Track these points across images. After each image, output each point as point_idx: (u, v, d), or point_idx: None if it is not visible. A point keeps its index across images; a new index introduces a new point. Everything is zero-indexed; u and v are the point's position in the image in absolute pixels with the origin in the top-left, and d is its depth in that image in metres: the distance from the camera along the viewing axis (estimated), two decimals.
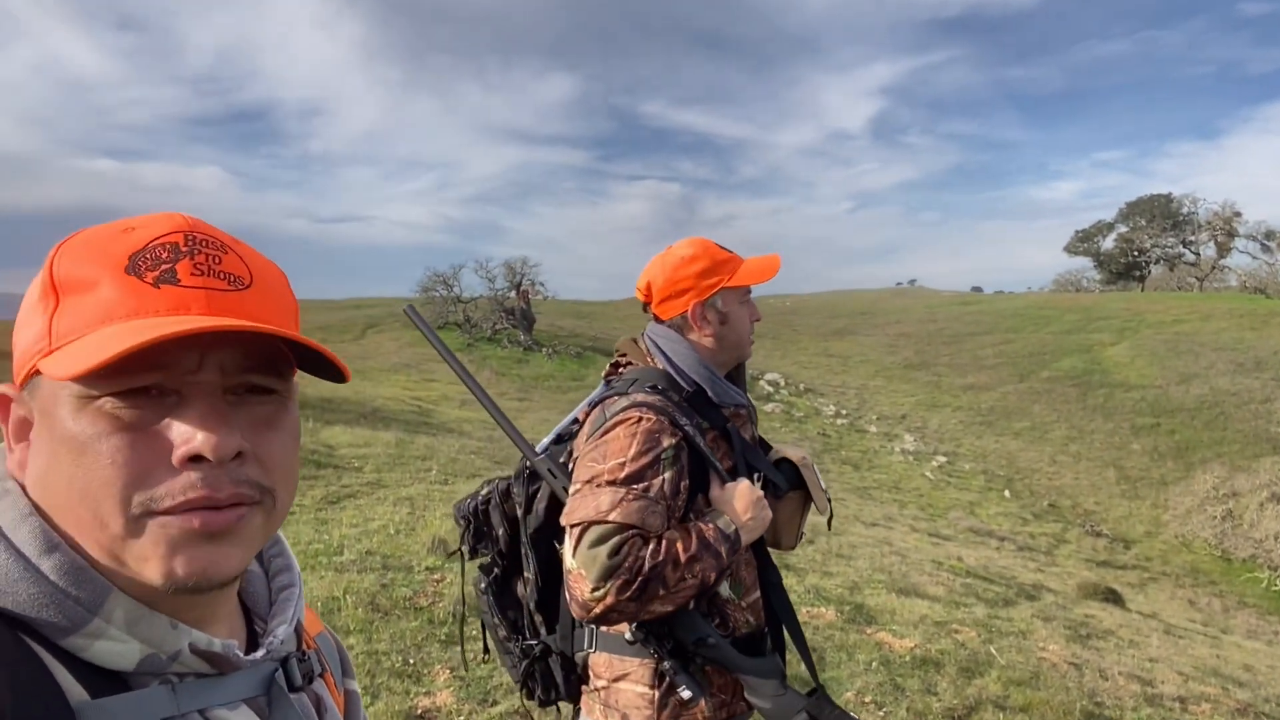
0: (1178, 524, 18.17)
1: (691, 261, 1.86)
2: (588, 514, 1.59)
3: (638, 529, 1.59)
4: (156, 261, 0.64)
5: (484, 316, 28.13)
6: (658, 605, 1.59)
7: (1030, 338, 33.77)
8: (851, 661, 4.81)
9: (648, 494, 1.62)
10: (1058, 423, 25.06)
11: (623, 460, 1.63)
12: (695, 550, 1.61)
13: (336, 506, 6.68)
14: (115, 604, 0.62)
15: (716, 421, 1.82)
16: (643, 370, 1.84)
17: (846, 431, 22.95)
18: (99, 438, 0.60)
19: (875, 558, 8.04)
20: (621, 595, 1.55)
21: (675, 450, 1.67)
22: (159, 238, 0.65)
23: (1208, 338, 30.51)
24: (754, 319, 1.91)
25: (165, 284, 0.63)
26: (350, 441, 9.19)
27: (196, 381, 0.63)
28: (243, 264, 0.68)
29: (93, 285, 0.63)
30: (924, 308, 43.58)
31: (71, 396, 0.61)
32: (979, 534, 14.68)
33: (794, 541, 1.93)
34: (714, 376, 1.83)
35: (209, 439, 0.61)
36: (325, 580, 4.84)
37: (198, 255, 0.65)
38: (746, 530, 1.70)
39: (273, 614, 0.76)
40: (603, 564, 1.55)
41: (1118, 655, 6.09)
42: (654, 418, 1.68)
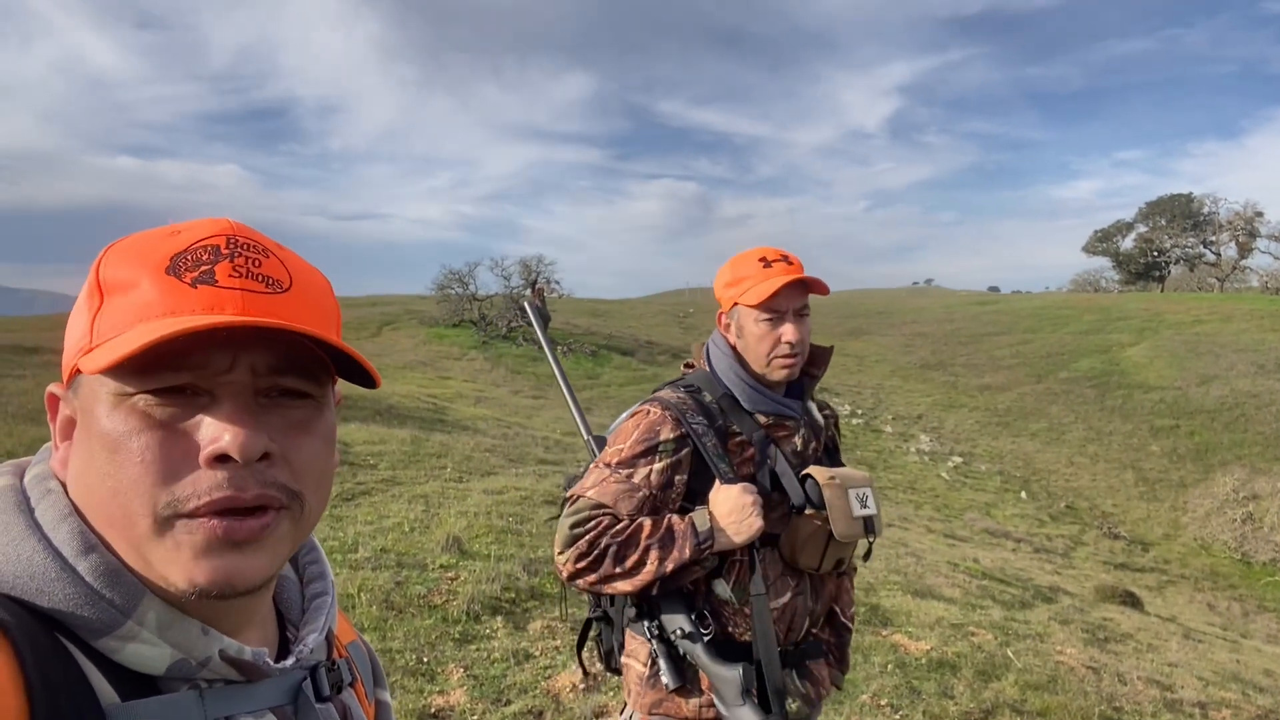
0: (1197, 526, 18.01)
1: (722, 274, 1.94)
2: (578, 488, 1.77)
3: (608, 508, 1.71)
4: (196, 263, 0.65)
5: (499, 314, 28.17)
6: (617, 581, 1.70)
7: (1048, 338, 33.53)
8: (867, 664, 4.78)
9: (630, 479, 1.73)
10: (1075, 424, 24.88)
11: (622, 447, 1.76)
12: (658, 538, 1.69)
13: (351, 503, 6.70)
14: (148, 607, 0.62)
15: (746, 428, 1.83)
16: (697, 372, 1.94)
17: (862, 431, 22.86)
18: (130, 435, 0.61)
19: (891, 559, 8.00)
20: (577, 564, 1.69)
21: (675, 444, 1.75)
22: (201, 240, 0.66)
23: (1228, 339, 30.20)
24: (783, 339, 1.84)
25: (203, 284, 0.64)
26: (365, 439, 9.21)
27: (228, 381, 0.64)
28: (283, 268, 0.69)
29: (133, 285, 0.64)
30: (941, 307, 43.37)
31: (109, 394, 0.62)
32: (995, 535, 14.58)
33: (817, 563, 1.85)
34: (748, 383, 1.86)
35: (235, 438, 0.61)
36: (340, 578, 4.84)
37: (238, 258, 0.66)
38: (723, 533, 1.71)
39: (304, 622, 0.76)
40: (565, 533, 1.71)
41: (1136, 659, 6.03)
42: (659, 411, 1.78)
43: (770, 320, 1.84)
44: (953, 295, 53.07)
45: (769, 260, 1.86)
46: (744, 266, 1.88)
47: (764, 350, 1.85)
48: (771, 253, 1.88)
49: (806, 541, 1.82)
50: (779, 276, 1.83)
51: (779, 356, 1.85)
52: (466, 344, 26.35)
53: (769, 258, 1.87)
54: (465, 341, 26.61)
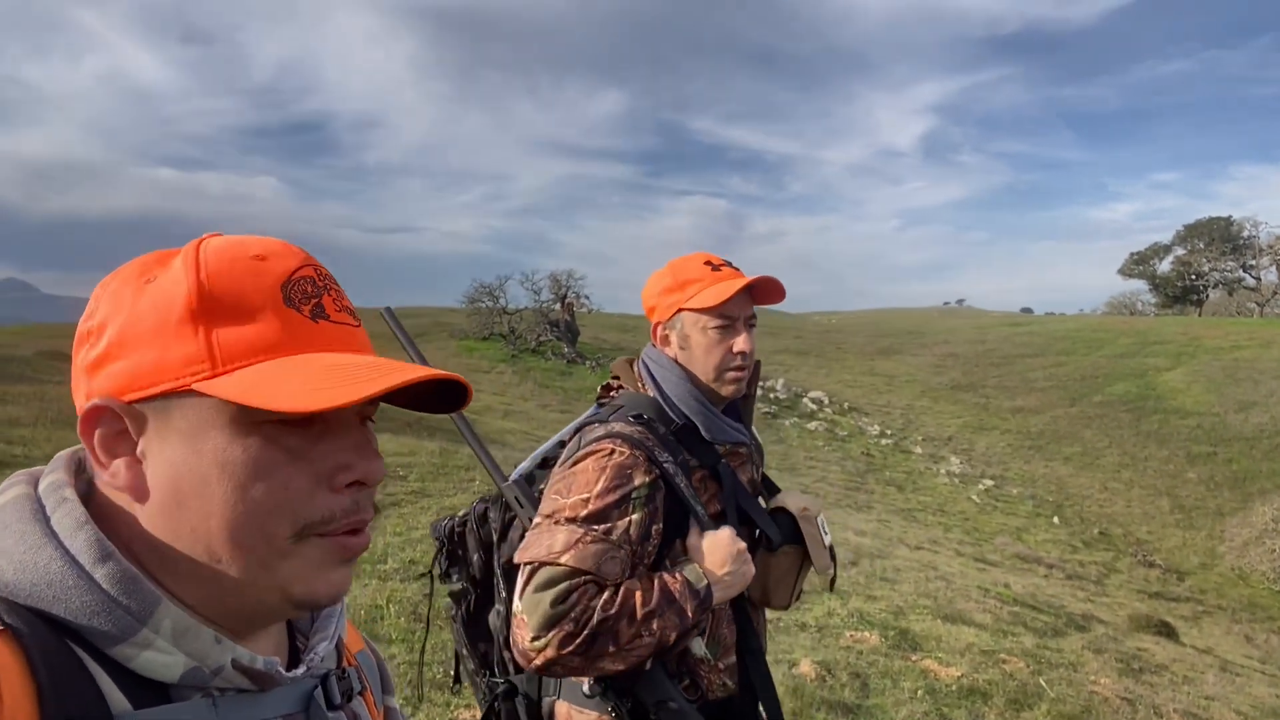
0: (1234, 556, 17.63)
1: (659, 278, 1.73)
2: (539, 553, 1.45)
3: (591, 575, 1.43)
4: (306, 296, 0.67)
5: (528, 328, 28.31)
6: (608, 663, 1.44)
7: (1082, 361, 33.08)
8: (896, 689, 4.72)
9: (609, 536, 1.46)
10: (1110, 448, 24.48)
11: (587, 496, 1.48)
12: (655, 605, 1.45)
13: (381, 515, 6.74)
14: (164, 615, 0.62)
15: (708, 459, 1.64)
16: (632, 397, 1.69)
17: (891, 452, 22.65)
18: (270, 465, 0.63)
19: (920, 582, 7.90)
20: (564, 649, 1.40)
21: (649, 490, 1.51)
22: (298, 270, 0.68)
23: (1268, 365, 29.60)
24: (733, 349, 1.66)
25: (320, 319, 0.67)
26: (395, 450, 9.28)
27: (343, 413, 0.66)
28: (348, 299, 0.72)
29: (253, 313, 0.65)
30: (972, 328, 42.97)
31: (232, 421, 0.63)
32: (1027, 560, 14.36)
33: (788, 601, 1.72)
34: (707, 409, 1.66)
35: (370, 467, 0.66)
36: (369, 588, 4.88)
37: (330, 290, 0.69)
38: (721, 586, 1.52)
39: (315, 630, 0.77)
40: (545, 611, 1.40)
41: (1172, 691, 5.90)
42: (628, 452, 1.52)
43: (721, 328, 1.65)
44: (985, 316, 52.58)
45: (715, 264, 1.69)
46: (689, 269, 1.69)
47: (713, 362, 1.66)
48: (715, 258, 1.71)
49: (781, 579, 1.69)
50: (737, 279, 1.66)
51: (731, 369, 1.66)
52: (496, 357, 26.49)
53: (714, 262, 1.70)
54: (494, 355, 26.76)
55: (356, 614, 4.50)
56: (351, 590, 4.32)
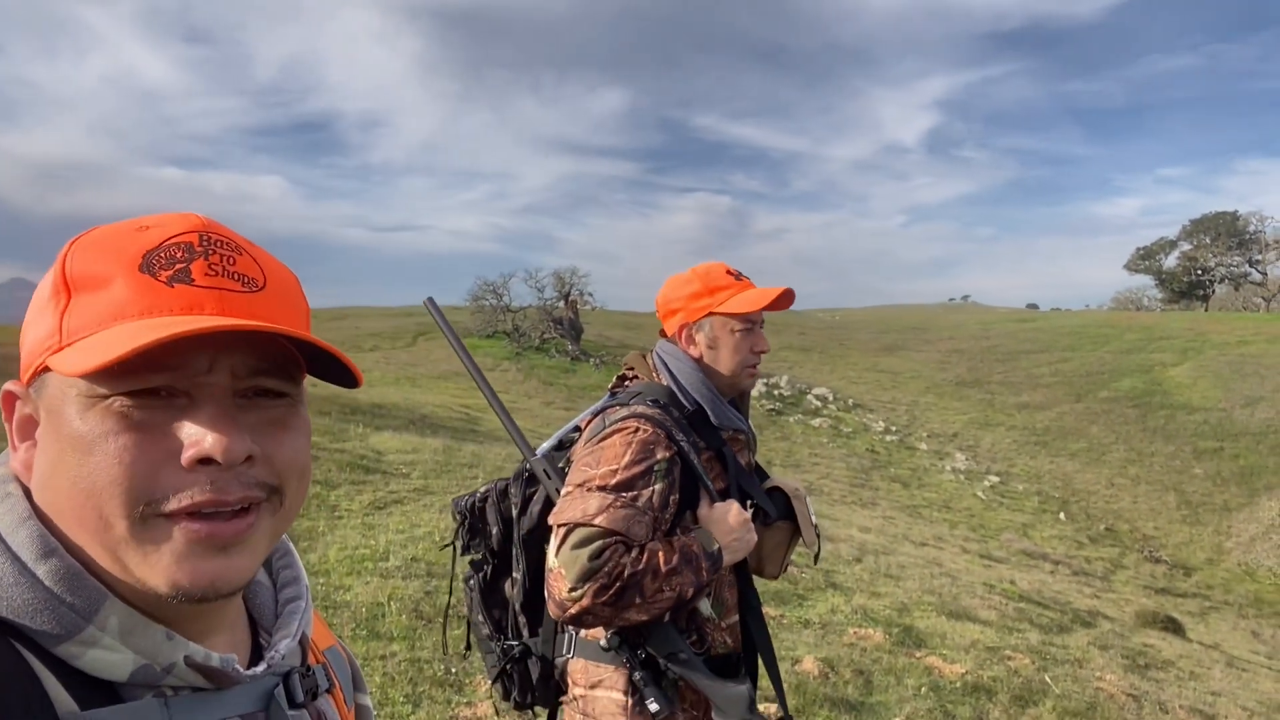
0: (1241, 552, 17.58)
1: (686, 283, 1.90)
2: (574, 515, 1.61)
3: (621, 536, 1.60)
4: (171, 260, 0.63)
5: (532, 326, 28.32)
6: (633, 614, 1.61)
7: (1088, 356, 33.00)
8: (900, 686, 4.70)
9: (636, 503, 1.63)
10: (1116, 444, 24.42)
11: (615, 468, 1.66)
12: (676, 563, 1.62)
13: (383, 512, 6.74)
14: (110, 612, 0.60)
15: (714, 442, 1.84)
16: (648, 385, 1.88)
17: (896, 448, 22.62)
18: (107, 436, 0.59)
19: (925, 579, 7.88)
20: (598, 599, 1.56)
21: (668, 464, 1.69)
22: (173, 237, 0.65)
23: (1274, 360, 29.49)
24: (755, 350, 1.89)
25: (179, 283, 0.62)
26: (398, 448, 9.28)
27: (207, 384, 0.62)
28: (256, 266, 0.67)
29: (105, 283, 0.62)
30: (977, 324, 42.89)
31: (80, 395, 0.60)
32: (1032, 556, 14.33)
33: (778, 570, 1.94)
34: (715, 398, 1.85)
35: (219, 442, 0.60)
36: (370, 586, 4.86)
37: (212, 255, 0.65)
38: (729, 550, 1.70)
39: (277, 627, 0.74)
40: (583, 565, 1.56)
41: (1178, 688, 5.87)
42: (651, 429, 1.71)
43: (746, 330, 1.86)
44: (990, 312, 52.47)
45: (735, 274, 1.90)
46: (716, 278, 1.89)
47: (739, 359, 1.86)
48: (731, 268, 1.92)
49: (773, 551, 1.91)
50: (760, 288, 1.89)
51: (750, 365, 1.88)
52: (500, 355, 26.50)
53: (732, 271, 1.91)
54: (499, 353, 26.77)
55: (358, 612, 4.49)
56: (352, 587, 4.28)
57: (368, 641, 4.19)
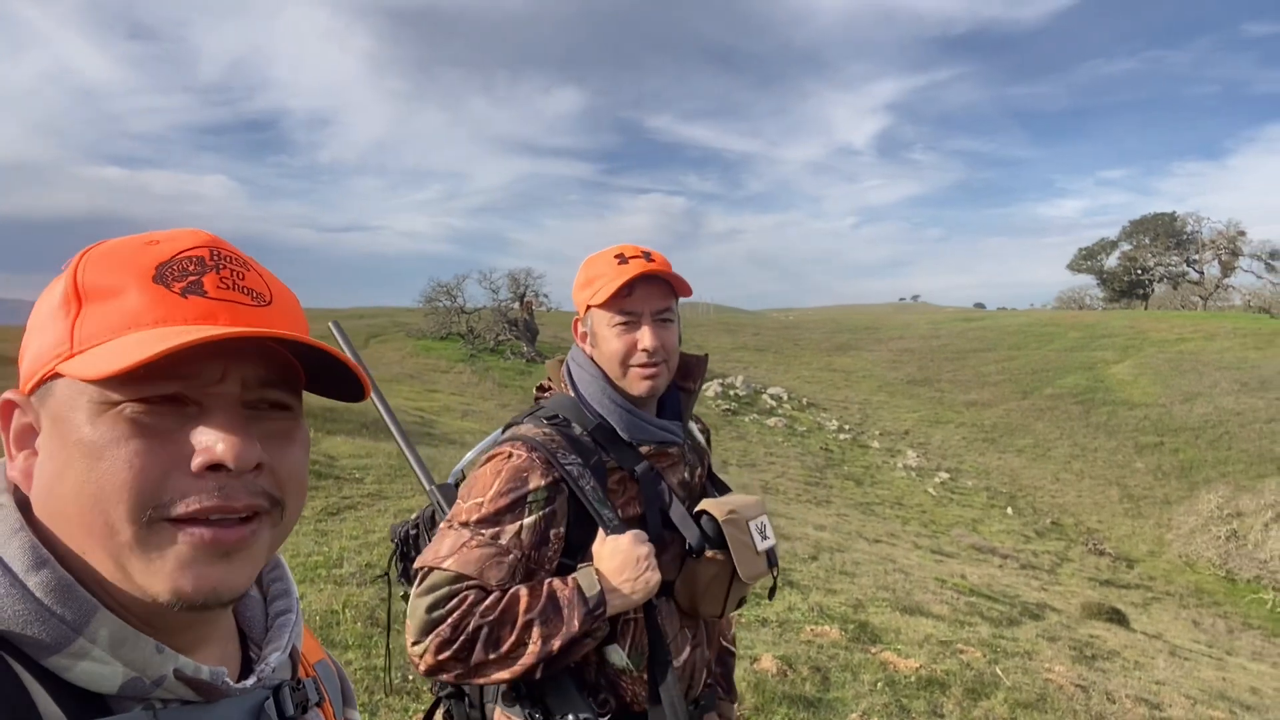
0: (1181, 544, 18.10)
1: (578, 275, 1.67)
2: (427, 557, 1.43)
3: (474, 580, 1.40)
4: (184, 273, 0.65)
5: (487, 327, 28.13)
6: (491, 670, 1.39)
7: (1033, 355, 33.73)
8: (856, 682, 4.76)
9: (497, 540, 1.42)
10: (1060, 440, 25.00)
11: (481, 500, 1.45)
12: (539, 611, 1.39)
13: (337, 518, 6.64)
14: (101, 624, 0.60)
15: (627, 461, 1.58)
16: (557, 398, 1.65)
17: (849, 447, 22.89)
18: (117, 442, 0.60)
19: (879, 575, 7.98)
20: (440, 654, 1.37)
21: (547, 492, 1.46)
22: (185, 250, 0.66)
23: (1212, 357, 30.46)
24: (639, 345, 1.58)
25: (192, 295, 0.64)
26: (351, 452, 9.15)
27: (219, 392, 0.63)
28: (263, 281, 0.69)
29: (118, 292, 0.63)
30: (927, 323, 43.59)
31: (90, 402, 0.61)
32: (982, 551, 14.60)
33: (719, 610, 1.63)
34: (624, 409, 1.59)
35: (231, 448, 0.61)
36: (324, 594, 4.79)
37: (223, 269, 0.67)
38: (617, 594, 1.44)
39: (267, 640, 0.75)
40: (421, 617, 1.38)
41: (1124, 677, 6.03)
42: (525, 454, 1.48)
43: (624, 324, 1.59)
44: (939, 311, 53.39)
45: (625, 257, 1.61)
46: (598, 265, 1.63)
47: (617, 359, 1.59)
48: (630, 249, 1.63)
49: (708, 587, 1.60)
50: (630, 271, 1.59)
51: (636, 365, 1.59)
52: (454, 357, 26.28)
53: (626, 254, 1.62)
54: (452, 354, 26.55)
55: (311, 620, 4.41)
56: (305, 596, 4.22)
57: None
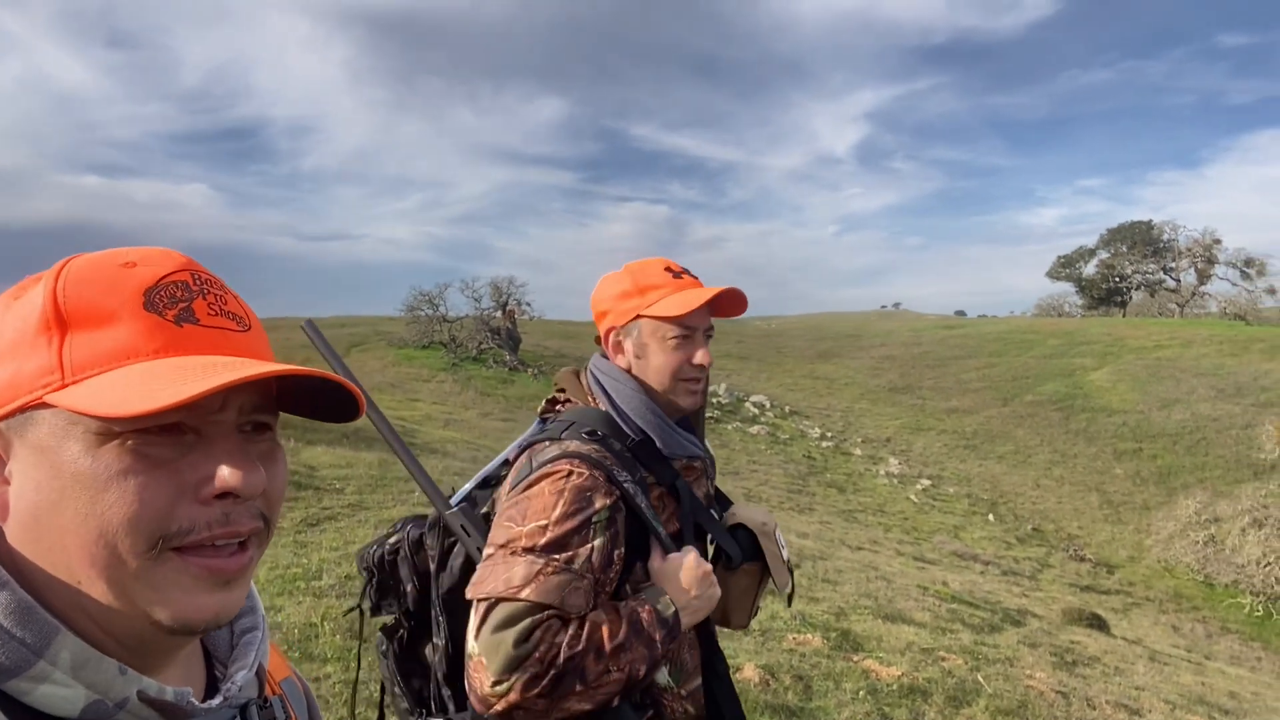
0: (1160, 549, 18.24)
1: (617, 281, 1.63)
2: (496, 588, 1.32)
3: (555, 610, 1.32)
4: (173, 299, 0.64)
5: (469, 336, 28.03)
6: (574, 703, 1.32)
7: (1013, 362, 33.97)
8: (838, 690, 4.76)
9: (571, 566, 1.35)
10: (1041, 447, 25.17)
11: (545, 523, 1.36)
12: (624, 638, 1.35)
13: (316, 529, 6.58)
14: (62, 646, 0.59)
15: (665, 477, 1.55)
16: (582, 411, 1.58)
17: (832, 454, 22.96)
18: (123, 475, 0.59)
19: (861, 582, 8.00)
20: (528, 691, 1.28)
21: (610, 513, 1.41)
22: (169, 275, 0.66)
23: (1189, 363, 30.78)
24: (694, 361, 1.58)
25: (186, 323, 0.64)
26: (332, 462, 9.08)
27: (218, 420, 0.63)
28: (239, 304, 0.69)
29: (109, 319, 0.62)
30: (908, 331, 43.83)
31: (88, 433, 0.60)
32: (964, 558, 14.66)
33: (746, 620, 1.66)
34: (664, 423, 1.57)
35: (239, 476, 0.62)
36: (303, 606, 4.74)
37: (208, 295, 0.67)
38: (689, 612, 1.43)
39: (233, 659, 0.74)
40: (507, 653, 1.28)
41: (1104, 683, 6.06)
42: (586, 472, 1.41)
43: (682, 338, 1.57)
44: (920, 319, 53.66)
45: (676, 271, 1.62)
46: (649, 275, 1.60)
47: (670, 373, 1.57)
48: (674, 264, 1.64)
49: (740, 598, 1.62)
50: (699, 288, 1.59)
51: (686, 380, 1.59)
52: (436, 366, 26.17)
53: (674, 269, 1.62)
54: (435, 363, 26.44)
55: (290, 632, 4.37)
56: (284, 608, 4.17)
57: (300, 663, 4.08)
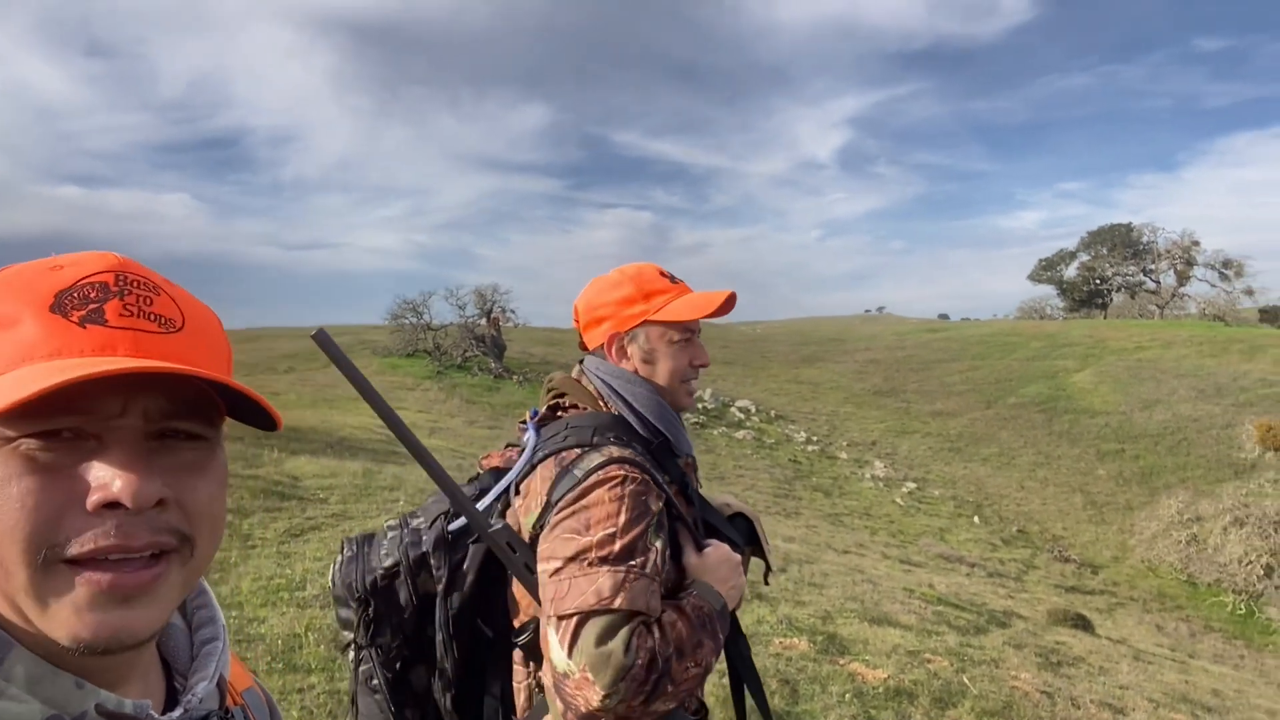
0: (1144, 549, 18.37)
1: (616, 286, 1.64)
2: (587, 601, 1.30)
3: (644, 615, 1.32)
4: (84, 300, 0.62)
5: (454, 344, 27.96)
6: (661, 704, 1.32)
7: (996, 364, 34.18)
8: (825, 694, 4.76)
9: (645, 571, 1.35)
10: (1025, 449, 25.32)
11: (613, 531, 1.35)
12: (696, 633, 1.38)
13: (300, 539, 6.54)
14: (16, 660, 0.58)
15: (676, 475, 1.58)
16: (595, 416, 1.57)
17: (817, 458, 23.01)
18: (10, 480, 0.57)
19: (847, 586, 8.02)
20: (635, 699, 1.27)
21: (661, 515, 1.43)
22: (88, 276, 0.63)
23: (1169, 364, 31.06)
24: (695, 364, 1.64)
25: (91, 324, 0.61)
26: (315, 472, 9.03)
27: (119, 426, 0.61)
28: (175, 306, 0.66)
29: (13, 322, 0.60)
30: (892, 335, 44.03)
31: None
32: (949, 560, 14.72)
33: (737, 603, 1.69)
34: (676, 423, 1.60)
35: (128, 485, 0.59)
36: (287, 617, 4.71)
37: (128, 296, 0.63)
38: (730, 601, 1.49)
39: (193, 670, 0.73)
40: (619, 664, 1.26)
41: (1089, 683, 6.09)
42: (639, 476, 1.42)
43: (685, 340, 1.63)
44: (904, 323, 53.93)
45: (669, 276, 1.67)
46: (652, 281, 1.64)
47: (678, 375, 1.62)
48: (663, 269, 1.68)
49: None
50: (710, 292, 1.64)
51: (688, 381, 1.65)
52: (421, 374, 26.09)
53: (665, 273, 1.67)
54: (419, 372, 26.35)
55: (274, 643, 4.34)
56: (268, 619, 4.14)
57: (284, 675, 4.05)
